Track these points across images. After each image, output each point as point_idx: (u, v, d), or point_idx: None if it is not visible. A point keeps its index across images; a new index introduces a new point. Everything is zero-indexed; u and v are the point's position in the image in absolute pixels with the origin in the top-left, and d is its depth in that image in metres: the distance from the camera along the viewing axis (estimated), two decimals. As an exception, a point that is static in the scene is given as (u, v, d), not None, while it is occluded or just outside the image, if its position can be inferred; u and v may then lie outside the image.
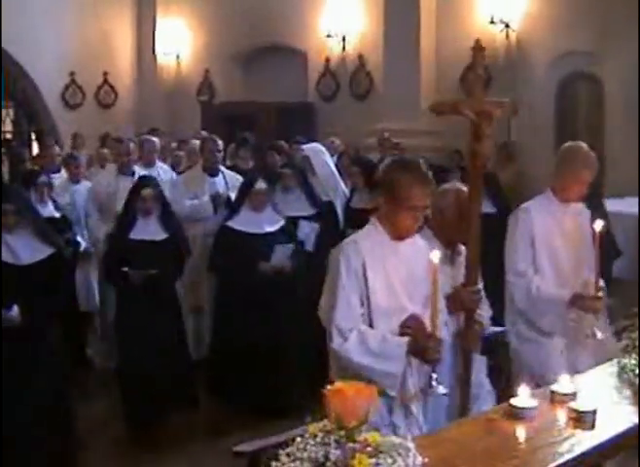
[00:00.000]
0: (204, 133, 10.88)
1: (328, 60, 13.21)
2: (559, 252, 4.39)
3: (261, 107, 12.89)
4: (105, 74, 15.16)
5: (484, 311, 3.98)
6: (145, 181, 5.99)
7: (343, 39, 12.92)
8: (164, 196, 6.01)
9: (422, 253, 3.48)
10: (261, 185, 6.11)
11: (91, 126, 13.46)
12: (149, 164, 7.86)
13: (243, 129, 10.11)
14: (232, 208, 6.36)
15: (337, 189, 7.57)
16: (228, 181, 7.24)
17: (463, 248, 3.89)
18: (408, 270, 3.47)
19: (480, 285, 3.86)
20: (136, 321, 5.62)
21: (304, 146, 8.22)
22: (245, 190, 6.26)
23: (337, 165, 8.22)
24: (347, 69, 13.02)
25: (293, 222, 6.47)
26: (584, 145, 4.47)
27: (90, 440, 5.32)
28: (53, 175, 7.80)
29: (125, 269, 5.54)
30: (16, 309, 4.49)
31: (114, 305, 6.26)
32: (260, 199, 6.11)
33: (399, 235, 3.47)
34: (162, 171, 7.93)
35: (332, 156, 8.64)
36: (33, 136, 15.09)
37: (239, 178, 7.14)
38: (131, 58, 15.62)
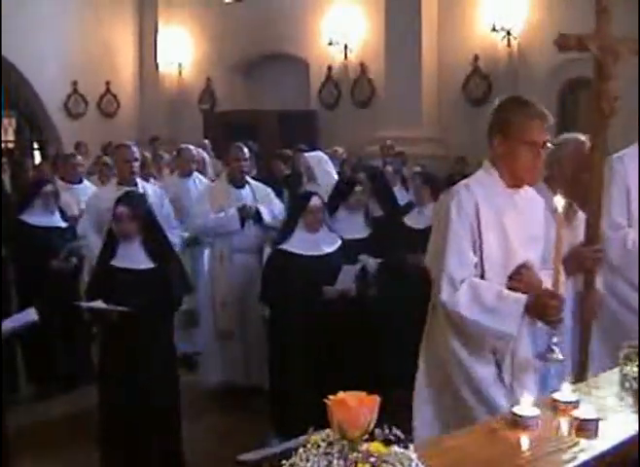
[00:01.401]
0: (206, 142, 10.95)
1: (330, 68, 13.26)
2: None
3: (262, 115, 12.92)
4: (107, 83, 15.24)
5: (600, 276, 3.64)
6: (123, 198, 4.96)
7: (345, 47, 12.99)
8: (151, 216, 5.04)
9: (539, 207, 3.25)
10: (316, 202, 5.56)
11: (94, 136, 13.53)
12: (186, 174, 7.68)
13: (245, 138, 10.09)
14: (284, 230, 5.72)
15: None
16: (255, 192, 6.68)
17: None
18: (525, 225, 3.17)
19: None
20: (116, 366, 4.86)
21: (307, 154, 8.24)
22: (299, 208, 5.65)
23: (339, 174, 8.23)
24: (349, 77, 13.08)
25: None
26: None
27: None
28: (75, 186, 7.68)
29: (102, 304, 4.71)
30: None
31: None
32: (316, 218, 5.56)
33: (517, 180, 3.18)
34: (199, 182, 7.70)
35: (334, 164, 8.65)
36: (35, 146, 15.16)
37: (268, 190, 6.78)
38: (133, 67, 15.70)
